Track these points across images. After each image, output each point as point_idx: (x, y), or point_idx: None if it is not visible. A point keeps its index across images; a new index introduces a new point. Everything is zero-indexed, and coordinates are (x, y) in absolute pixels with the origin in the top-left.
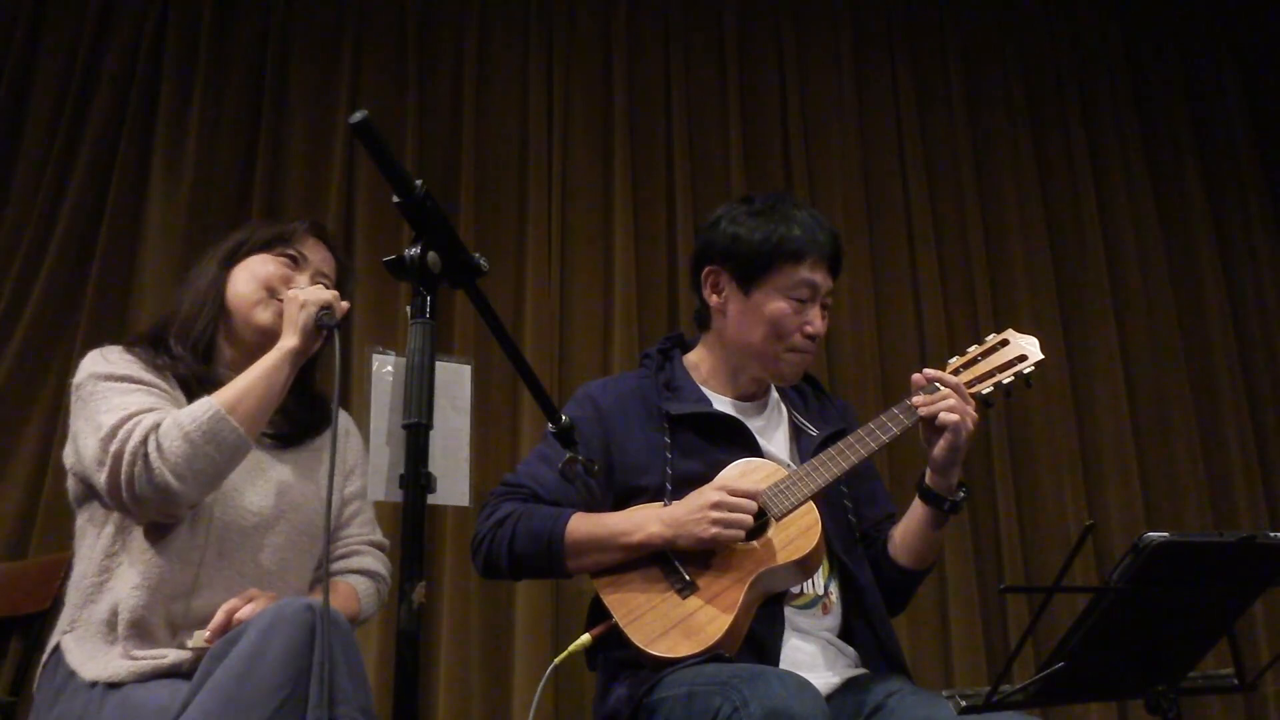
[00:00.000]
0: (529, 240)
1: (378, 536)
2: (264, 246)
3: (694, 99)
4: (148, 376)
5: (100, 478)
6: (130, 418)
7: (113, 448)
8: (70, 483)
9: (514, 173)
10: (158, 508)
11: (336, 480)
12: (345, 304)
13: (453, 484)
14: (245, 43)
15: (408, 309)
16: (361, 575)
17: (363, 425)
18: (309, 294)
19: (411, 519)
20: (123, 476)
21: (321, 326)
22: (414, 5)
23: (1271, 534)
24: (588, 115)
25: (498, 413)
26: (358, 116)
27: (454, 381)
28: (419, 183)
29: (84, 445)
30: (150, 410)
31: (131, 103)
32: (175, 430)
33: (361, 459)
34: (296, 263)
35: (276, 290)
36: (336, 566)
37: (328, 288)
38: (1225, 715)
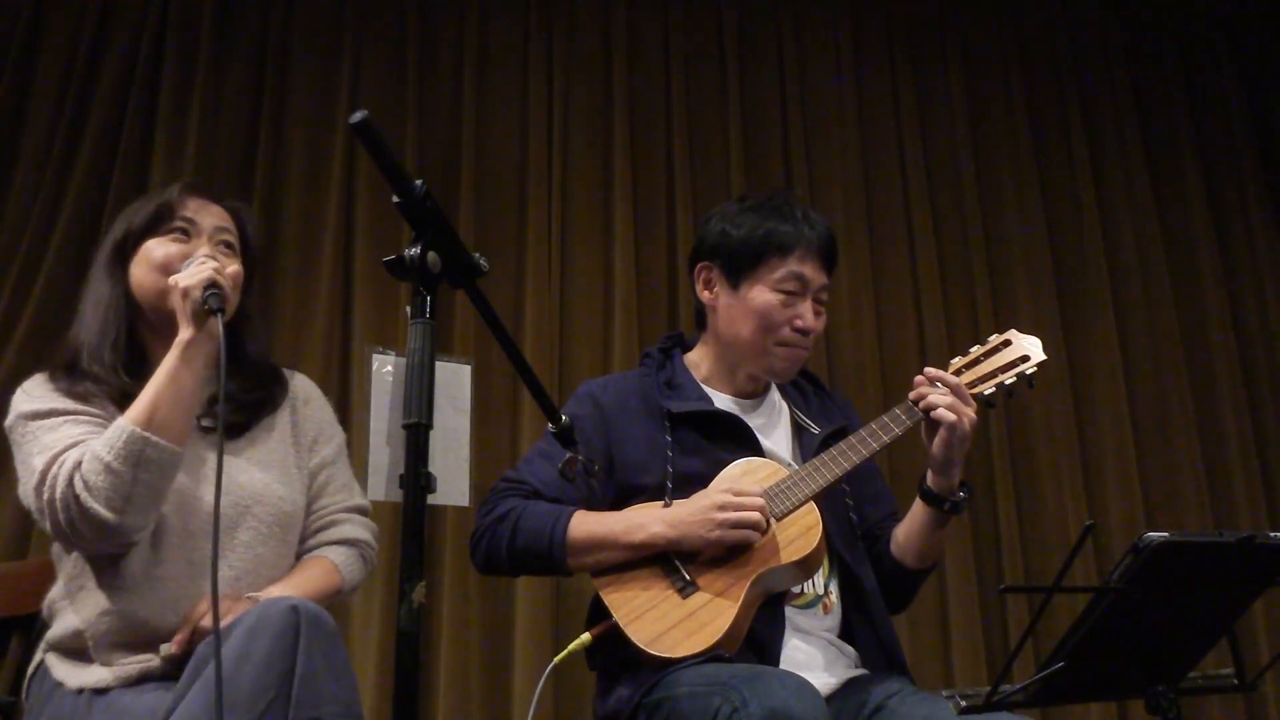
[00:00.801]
0: (529, 240)
1: (356, 500)
2: (148, 230)
3: (694, 99)
4: (73, 405)
5: (46, 526)
6: (55, 458)
7: (45, 495)
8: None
9: (514, 173)
10: (108, 542)
11: (303, 458)
12: (234, 269)
13: (453, 484)
14: (245, 42)
15: (408, 309)
16: (341, 545)
17: (363, 425)
18: (188, 277)
19: (411, 519)
20: (62, 523)
21: (210, 310)
22: (414, 5)
23: (1271, 534)
24: (588, 115)
25: (498, 413)
26: (358, 116)
27: (454, 381)
28: (419, 182)
29: (25, 493)
30: (73, 445)
31: (132, 102)
32: (96, 464)
33: (327, 425)
34: (188, 234)
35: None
36: (314, 541)
37: (230, 245)
38: (1225, 715)
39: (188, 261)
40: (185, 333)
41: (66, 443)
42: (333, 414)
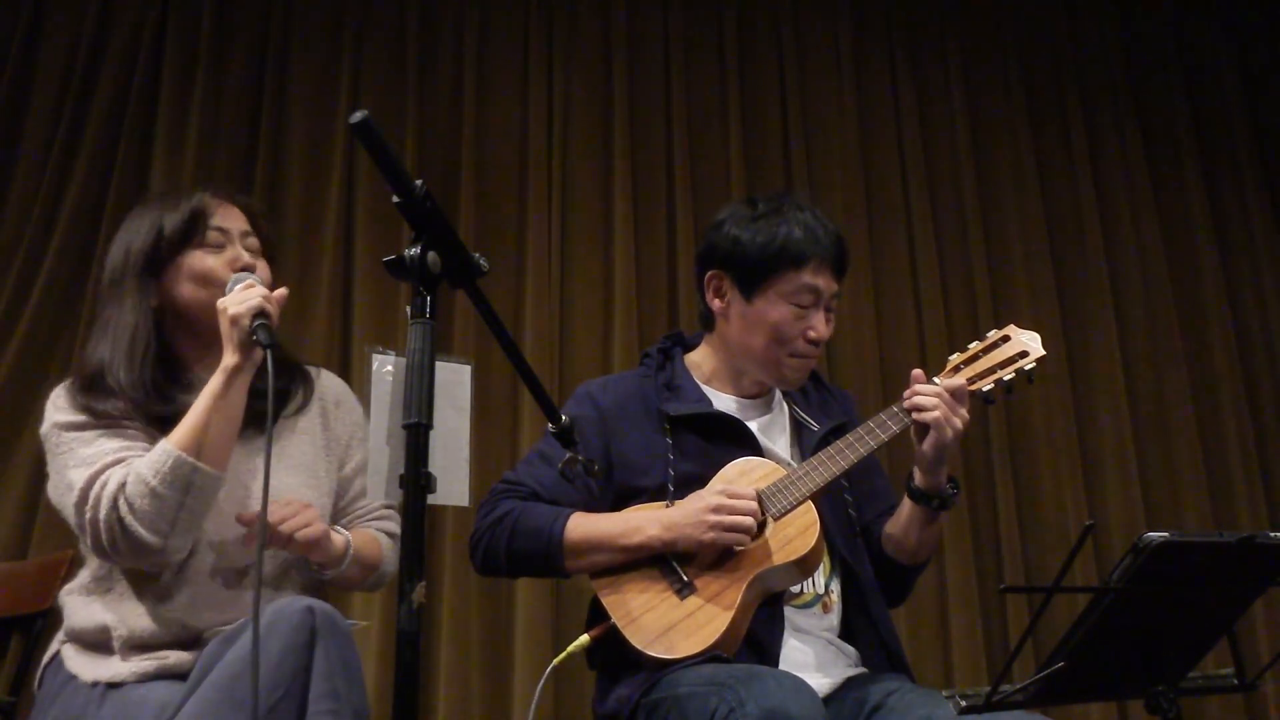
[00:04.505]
0: (529, 240)
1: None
2: (184, 240)
3: (694, 99)
4: (99, 421)
5: (85, 543)
6: (96, 476)
7: (87, 515)
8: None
9: (514, 173)
10: (150, 562)
11: (334, 463)
12: (281, 292)
13: (452, 484)
14: (245, 43)
15: (408, 309)
16: (388, 536)
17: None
18: (236, 304)
19: (411, 519)
20: (105, 544)
21: (257, 343)
22: (414, 4)
23: (1271, 534)
24: (588, 115)
25: (498, 413)
26: (358, 116)
27: (454, 381)
28: (419, 183)
29: (61, 504)
30: (114, 463)
31: (132, 102)
32: (141, 486)
33: (361, 427)
34: (222, 244)
35: (225, 278)
36: (363, 525)
37: (256, 248)
38: (1225, 715)
39: (232, 281)
40: (231, 359)
41: (106, 460)
42: (364, 414)
